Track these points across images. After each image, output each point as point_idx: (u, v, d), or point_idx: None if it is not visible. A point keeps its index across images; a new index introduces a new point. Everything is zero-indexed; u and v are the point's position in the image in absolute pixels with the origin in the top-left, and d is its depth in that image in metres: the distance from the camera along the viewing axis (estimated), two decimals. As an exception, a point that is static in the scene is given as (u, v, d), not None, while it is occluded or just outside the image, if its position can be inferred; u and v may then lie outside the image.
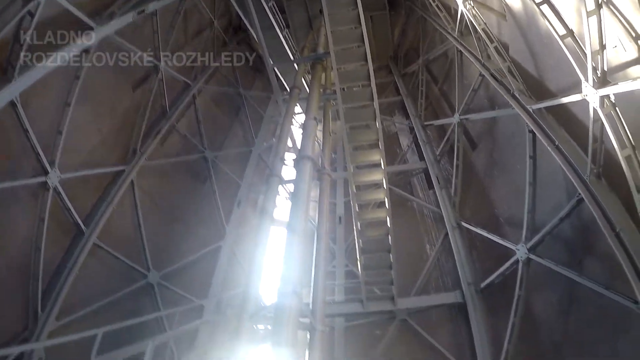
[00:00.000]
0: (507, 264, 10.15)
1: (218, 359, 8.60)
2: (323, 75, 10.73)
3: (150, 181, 12.84)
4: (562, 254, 8.88)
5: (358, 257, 10.65)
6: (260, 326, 10.34)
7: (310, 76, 10.94)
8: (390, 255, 10.50)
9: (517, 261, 9.78)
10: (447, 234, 12.24)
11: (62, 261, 10.18)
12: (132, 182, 12.28)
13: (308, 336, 7.21)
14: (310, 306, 7.28)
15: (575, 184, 7.87)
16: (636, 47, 6.13)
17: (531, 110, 9.16)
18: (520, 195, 9.65)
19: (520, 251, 9.67)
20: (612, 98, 6.81)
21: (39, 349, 7.44)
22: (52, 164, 9.82)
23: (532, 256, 9.41)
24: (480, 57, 11.67)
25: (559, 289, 9.05)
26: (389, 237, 10.29)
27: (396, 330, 11.99)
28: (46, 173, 9.70)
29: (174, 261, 12.20)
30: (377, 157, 9.73)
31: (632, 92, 6.41)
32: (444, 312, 11.85)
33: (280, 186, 8.50)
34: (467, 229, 11.79)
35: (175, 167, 14.18)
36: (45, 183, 9.72)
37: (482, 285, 11.09)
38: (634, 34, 6.15)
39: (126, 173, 12.22)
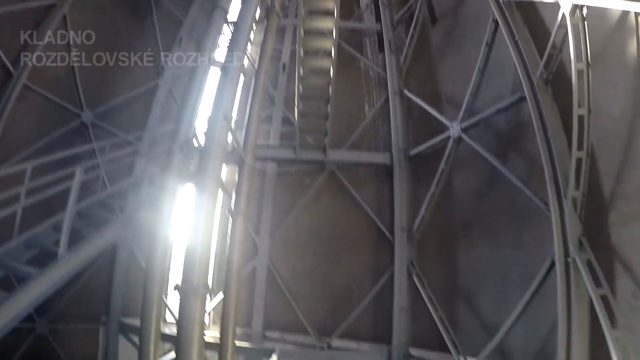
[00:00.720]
0: (439, 138, 10.61)
1: (146, 192, 8.85)
2: None
3: (84, 16, 11.36)
4: (491, 142, 9.36)
5: (296, 102, 10.63)
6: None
7: None
8: (329, 106, 10.56)
9: (448, 137, 10.21)
10: (387, 98, 12.35)
11: (-10, 107, 9.45)
12: (64, 17, 10.93)
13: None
14: (242, 141, 7.50)
15: (522, 82, 8.01)
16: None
17: (501, 0, 8.86)
18: (467, 78, 9.74)
19: (454, 129, 10.05)
20: (585, 11, 6.71)
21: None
22: (-28, 0, 8.46)
23: (464, 136, 9.83)
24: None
25: (481, 174, 9.72)
26: (330, 88, 10.24)
27: (324, 181, 12.61)
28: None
29: (109, 100, 11.58)
30: (332, 4, 9.23)
31: (604, 11, 6.36)
32: (371, 171, 12.50)
33: (226, 27, 8.02)
34: (409, 98, 11.92)
35: (113, 0, 12.65)
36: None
37: (412, 153, 11.65)
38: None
39: (58, 7, 10.77)
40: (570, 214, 6.83)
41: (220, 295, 11.07)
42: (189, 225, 5.45)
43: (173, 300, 11.15)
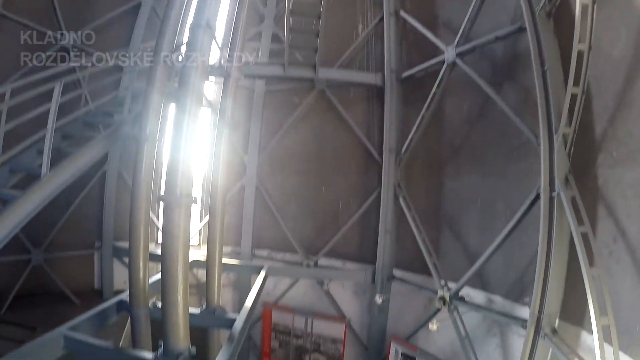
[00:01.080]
0: (433, 62, 10.38)
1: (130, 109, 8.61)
2: None
3: None
4: (486, 70, 9.17)
5: (286, 17, 10.18)
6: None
7: None
8: (320, 22, 10.17)
9: (443, 61, 9.96)
10: (382, 18, 11.85)
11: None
12: None
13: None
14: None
15: (524, 12, 7.65)
16: None
17: None
18: (466, 2, 9.32)
19: (449, 53, 9.77)
20: (596, -55, 6.31)
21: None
22: None
23: (459, 61, 9.59)
24: None
25: (473, 101, 9.68)
26: (322, 3, 9.82)
27: (314, 100, 12.48)
28: None
29: (89, 22, 10.81)
30: None
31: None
32: (362, 92, 12.34)
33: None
34: (404, 19, 11.47)
35: None
36: None
37: (404, 75, 11.44)
38: None
39: None
40: (560, 150, 6.86)
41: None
42: (173, 134, 5.29)
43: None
